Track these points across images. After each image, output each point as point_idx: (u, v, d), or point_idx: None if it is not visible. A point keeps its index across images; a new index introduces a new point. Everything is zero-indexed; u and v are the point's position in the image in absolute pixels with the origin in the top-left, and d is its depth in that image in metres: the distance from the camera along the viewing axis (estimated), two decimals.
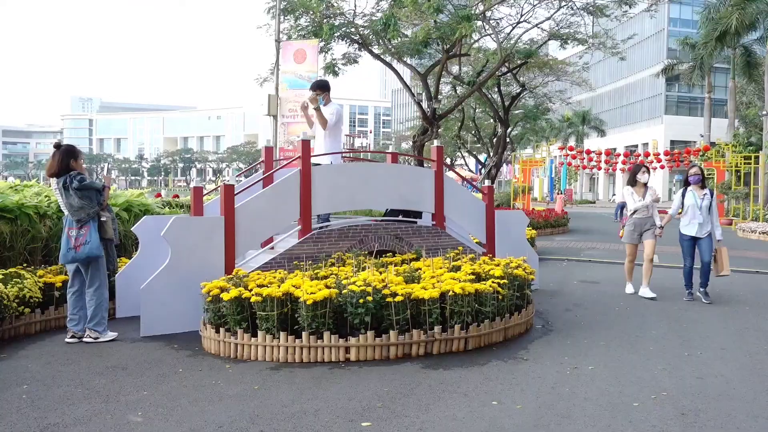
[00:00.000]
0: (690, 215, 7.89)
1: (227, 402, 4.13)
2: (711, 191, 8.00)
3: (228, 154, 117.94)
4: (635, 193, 8.21)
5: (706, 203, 7.80)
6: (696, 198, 7.86)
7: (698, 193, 7.91)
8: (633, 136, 63.88)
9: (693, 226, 7.84)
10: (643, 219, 8.15)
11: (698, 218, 7.77)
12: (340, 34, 17.01)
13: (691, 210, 7.87)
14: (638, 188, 8.23)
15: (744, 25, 30.07)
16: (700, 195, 7.88)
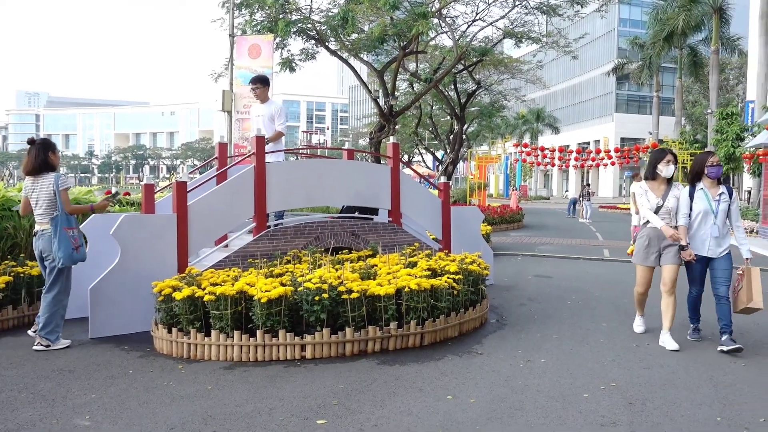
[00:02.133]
0: (701, 226, 5.43)
1: (179, 403, 4.05)
2: (729, 188, 5.55)
3: (182, 151, 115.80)
4: (651, 191, 5.63)
5: (723, 206, 5.40)
6: (710, 200, 5.39)
7: (712, 192, 5.44)
8: (585, 134, 65.37)
9: (705, 242, 5.40)
10: (659, 231, 5.52)
11: (713, 230, 5.37)
12: (297, 29, 16.86)
13: (704, 219, 5.41)
14: (657, 184, 5.63)
15: (690, 26, 31.15)
16: (714, 195, 5.42)
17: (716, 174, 5.47)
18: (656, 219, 5.51)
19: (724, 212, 5.40)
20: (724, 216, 5.41)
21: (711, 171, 5.46)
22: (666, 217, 5.51)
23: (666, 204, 5.51)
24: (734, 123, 25.16)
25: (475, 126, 35.42)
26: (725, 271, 5.37)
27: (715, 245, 5.38)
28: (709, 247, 5.38)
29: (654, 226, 5.54)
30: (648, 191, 5.64)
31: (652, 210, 5.55)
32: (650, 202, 5.58)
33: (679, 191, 5.53)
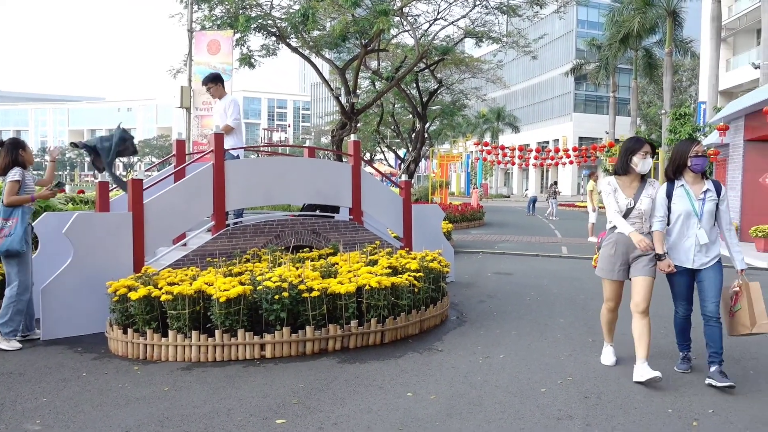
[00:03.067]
0: (683, 232, 4.48)
1: (134, 405, 3.96)
2: (717, 184, 4.54)
3: (140, 148, 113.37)
4: (621, 190, 4.63)
5: (710, 207, 4.42)
6: (692, 200, 4.43)
7: (695, 190, 4.47)
8: (545, 133, 66.45)
9: (689, 249, 4.45)
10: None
11: (698, 235, 4.40)
12: (257, 25, 16.69)
13: (685, 222, 4.45)
14: (629, 181, 4.63)
15: (645, 28, 31.94)
16: (698, 193, 4.45)
17: (701, 166, 4.43)
18: (623, 223, 4.50)
19: (711, 213, 4.40)
20: (711, 218, 4.42)
21: (695, 163, 4.39)
22: (638, 221, 4.50)
23: (638, 206, 4.48)
24: (687, 123, 25.91)
25: (436, 124, 35.64)
26: (714, 285, 4.37)
27: (700, 254, 4.40)
28: (694, 257, 4.41)
29: (621, 232, 4.53)
30: (617, 189, 4.59)
31: (621, 212, 4.53)
32: (619, 203, 4.56)
33: (654, 190, 4.52)
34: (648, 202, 4.51)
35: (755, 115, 13.85)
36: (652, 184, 4.61)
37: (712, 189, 4.46)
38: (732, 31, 33.20)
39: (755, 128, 14.08)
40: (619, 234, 4.57)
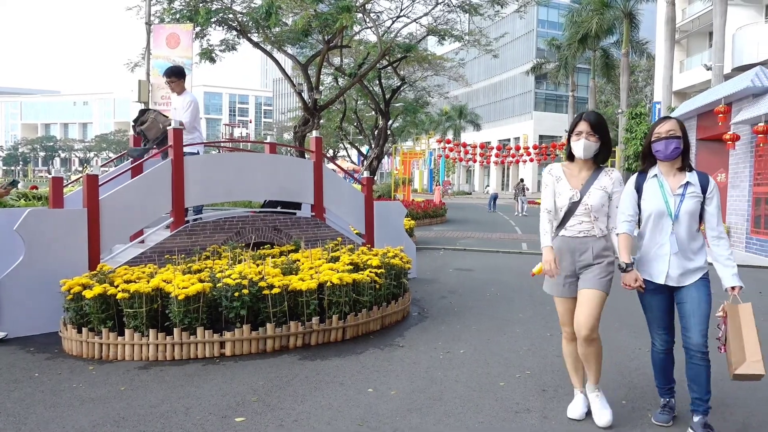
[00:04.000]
0: (654, 236, 3.51)
1: (89, 406, 3.87)
2: (703, 177, 3.50)
3: (96, 143, 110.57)
4: (566, 178, 3.68)
5: (690, 205, 3.42)
6: (666, 195, 3.45)
7: (672, 182, 3.48)
8: (506, 131, 67.28)
9: (662, 260, 3.47)
10: (580, 241, 3.60)
11: (673, 243, 3.42)
12: (217, 19, 16.46)
13: (657, 225, 3.48)
14: (577, 169, 3.68)
15: (603, 29, 32.60)
16: (675, 187, 3.46)
17: (667, 152, 3.39)
18: (543, 232, 3.60)
19: (692, 214, 3.38)
20: (693, 220, 3.40)
21: (658, 148, 3.42)
22: (585, 220, 3.54)
23: (585, 200, 3.52)
24: (643, 123, 26.56)
25: (399, 122, 35.77)
26: (698, 309, 3.35)
27: (677, 267, 3.39)
28: (669, 271, 3.39)
29: (570, 232, 3.58)
30: (561, 178, 3.64)
31: (563, 208, 3.58)
32: (561, 196, 3.60)
33: (610, 180, 3.57)
34: (599, 196, 3.52)
35: (707, 115, 14.29)
36: (609, 174, 3.60)
37: (695, 183, 3.40)
38: (685, 33, 34.16)
39: (707, 128, 14.53)
40: (562, 238, 3.60)
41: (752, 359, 3.11)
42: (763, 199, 11.91)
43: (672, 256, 3.42)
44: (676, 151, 3.42)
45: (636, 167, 27.18)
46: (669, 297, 3.52)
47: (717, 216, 3.45)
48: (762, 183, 12.04)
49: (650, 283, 3.49)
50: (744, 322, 3.23)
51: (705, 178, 3.47)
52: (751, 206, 12.40)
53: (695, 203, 3.41)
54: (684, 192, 3.43)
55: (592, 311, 3.49)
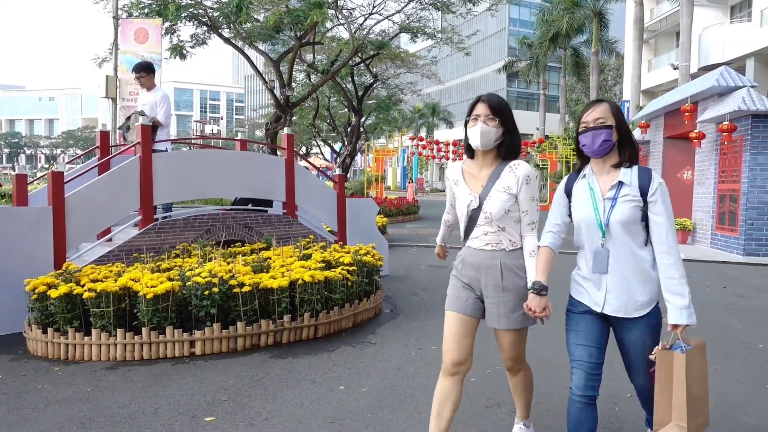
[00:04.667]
0: (586, 252, 2.76)
1: (54, 407, 3.80)
2: (645, 174, 2.64)
3: (63, 139, 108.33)
4: (464, 180, 2.95)
5: (624, 213, 2.61)
6: (596, 198, 2.70)
7: (603, 183, 2.71)
8: None
9: (594, 283, 2.72)
10: (486, 255, 2.88)
11: (600, 260, 2.67)
12: (187, 14, 16.23)
13: (588, 236, 2.73)
14: (478, 166, 2.92)
15: (573, 28, 33.01)
16: (605, 190, 2.69)
17: (594, 146, 2.65)
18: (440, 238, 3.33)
19: (628, 224, 2.59)
20: (631, 231, 2.61)
21: (584, 141, 2.69)
22: (491, 230, 2.82)
23: (486, 206, 2.80)
24: None
25: (372, 119, 35.72)
26: (637, 349, 2.67)
27: (615, 294, 2.64)
28: (607, 297, 2.65)
29: (476, 244, 2.89)
30: (459, 181, 2.95)
31: (463, 217, 2.91)
32: (459, 202, 2.93)
33: (514, 177, 2.78)
34: (502, 200, 2.76)
35: (674, 113, 14.57)
36: (513, 170, 2.79)
37: (631, 183, 2.60)
38: (653, 33, 34.79)
39: (674, 126, 14.82)
40: (468, 249, 2.93)
41: (678, 422, 2.50)
42: (728, 196, 12.20)
43: (608, 278, 2.63)
44: (606, 145, 2.63)
45: None
46: (604, 326, 2.71)
47: (666, 225, 2.55)
48: (726, 180, 12.33)
49: (580, 305, 2.76)
50: (677, 378, 2.47)
51: (646, 176, 2.61)
52: (716, 203, 12.68)
53: (631, 209, 2.57)
54: (615, 195, 2.62)
55: (515, 348, 2.99)
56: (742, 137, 11.72)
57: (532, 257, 2.79)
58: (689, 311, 2.53)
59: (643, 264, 2.62)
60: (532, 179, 2.81)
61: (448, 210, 3.28)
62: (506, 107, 2.86)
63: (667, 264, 2.56)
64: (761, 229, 11.46)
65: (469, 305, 2.91)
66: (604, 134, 2.63)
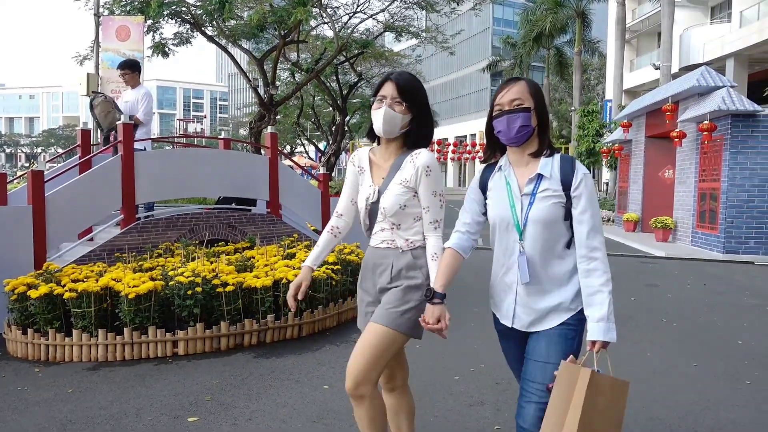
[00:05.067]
0: (501, 255, 2.31)
1: (34, 409, 3.75)
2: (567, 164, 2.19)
3: (44, 138, 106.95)
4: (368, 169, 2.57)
5: (543, 211, 2.16)
6: (512, 194, 2.23)
7: (521, 176, 2.25)
8: (463, 127, 67.91)
9: (508, 293, 2.29)
10: (381, 254, 2.51)
11: (520, 266, 2.20)
12: (170, 12, 16.10)
13: (502, 238, 2.29)
14: (385, 154, 2.54)
15: (556, 28, 33.18)
16: (523, 184, 2.22)
17: (510, 133, 2.22)
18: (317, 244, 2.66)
19: (548, 223, 2.17)
20: (552, 232, 2.18)
21: (499, 127, 2.26)
22: (386, 227, 2.49)
23: (382, 201, 2.46)
24: (594, 120, 27.19)
25: (357, 117, 35.71)
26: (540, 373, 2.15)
27: (527, 305, 2.23)
28: (517, 310, 2.26)
29: (370, 245, 2.59)
30: (365, 170, 2.58)
31: (363, 210, 2.54)
32: (360, 194, 2.57)
33: (413, 168, 2.42)
34: (398, 194, 2.42)
35: (655, 113, 14.73)
36: (414, 160, 2.42)
37: (552, 176, 2.18)
38: (635, 33, 35.10)
39: (655, 125, 14.98)
40: (369, 249, 2.59)
41: None
42: (708, 195, 12.35)
43: (519, 287, 2.22)
44: (525, 131, 2.20)
45: (588, 164, 27.89)
46: (520, 347, 2.29)
47: (588, 224, 2.13)
48: (707, 179, 12.49)
49: (498, 325, 2.38)
50: (575, 400, 1.98)
51: (569, 167, 2.19)
52: (697, 201, 12.84)
53: (552, 206, 2.15)
54: (534, 190, 2.19)
55: (364, 356, 2.35)
56: (722, 136, 11.88)
57: (435, 261, 2.43)
58: (607, 325, 2.08)
59: (564, 270, 2.19)
60: (434, 170, 2.44)
61: (340, 209, 2.65)
62: (418, 90, 2.49)
63: (588, 269, 2.13)
64: (741, 227, 11.62)
65: (366, 315, 2.57)
66: (521, 118, 2.19)
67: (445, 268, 2.31)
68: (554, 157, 2.23)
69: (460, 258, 2.36)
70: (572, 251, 2.19)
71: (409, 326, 2.42)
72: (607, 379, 2.04)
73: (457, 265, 2.34)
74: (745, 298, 7.63)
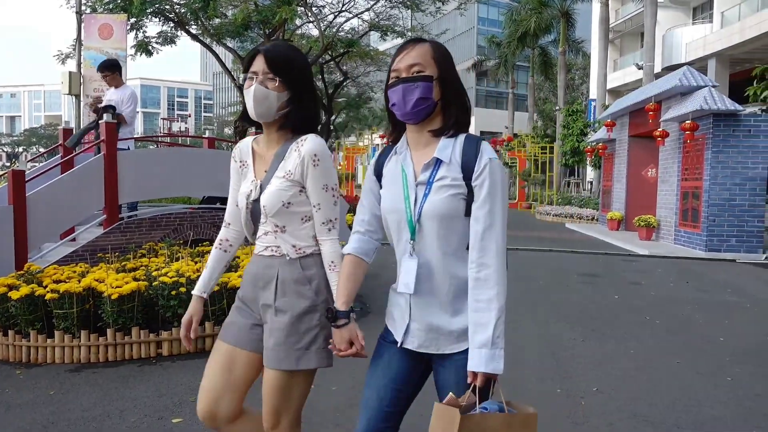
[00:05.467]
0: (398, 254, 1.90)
1: (16, 411, 3.71)
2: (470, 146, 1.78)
3: (26, 137, 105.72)
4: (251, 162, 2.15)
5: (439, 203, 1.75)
6: (407, 183, 1.82)
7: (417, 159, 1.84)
8: None
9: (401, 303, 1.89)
10: (265, 263, 2.08)
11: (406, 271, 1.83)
12: (153, 10, 15.99)
13: (397, 237, 1.88)
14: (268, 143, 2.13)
15: (541, 28, 33.38)
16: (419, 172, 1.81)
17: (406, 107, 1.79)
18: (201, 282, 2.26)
19: (444, 222, 1.76)
20: (452, 230, 1.78)
21: (393, 99, 1.83)
22: (270, 230, 2.08)
23: (263, 199, 2.05)
24: (579, 119, 27.39)
25: (342, 117, 35.71)
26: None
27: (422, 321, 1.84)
28: (410, 326, 1.87)
29: (254, 252, 2.17)
30: (247, 164, 2.18)
31: (243, 210, 2.11)
32: (241, 191, 2.14)
33: (299, 158, 2.01)
34: (279, 191, 2.01)
35: (638, 112, 14.85)
36: (299, 147, 2.02)
37: (451, 161, 1.78)
38: (619, 33, 35.43)
39: (638, 125, 15.11)
40: (253, 256, 2.17)
41: None
42: (690, 193, 12.49)
43: (412, 299, 1.82)
44: (424, 105, 1.78)
45: (572, 163, 28.09)
46: (417, 363, 1.91)
47: (486, 222, 1.71)
48: (689, 178, 12.62)
49: (386, 340, 1.98)
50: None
51: (472, 150, 1.77)
52: (679, 200, 12.98)
53: (450, 198, 1.74)
54: (431, 178, 1.78)
55: (277, 398, 2.07)
56: (704, 136, 12.01)
57: (333, 271, 2.02)
58: (491, 352, 1.66)
59: (464, 279, 1.77)
60: (323, 159, 2.00)
61: (228, 217, 2.24)
62: (295, 62, 2.04)
63: (476, 278, 1.71)
64: (722, 225, 11.76)
65: (244, 334, 2.11)
66: (420, 89, 1.76)
67: (345, 280, 1.91)
68: (457, 138, 1.82)
69: (364, 264, 1.94)
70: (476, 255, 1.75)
71: (316, 360, 2.06)
72: (496, 420, 1.65)
73: (360, 274, 1.93)
74: (726, 296, 7.73)
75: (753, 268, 10.44)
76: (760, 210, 11.77)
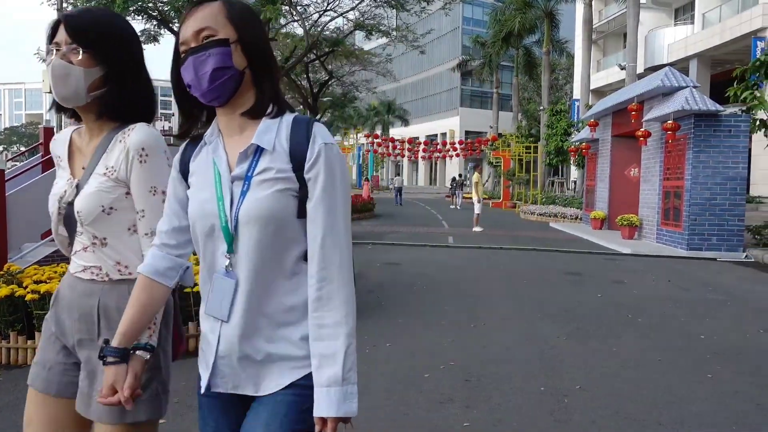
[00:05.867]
0: (204, 270, 1.42)
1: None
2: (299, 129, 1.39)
3: (6, 136, 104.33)
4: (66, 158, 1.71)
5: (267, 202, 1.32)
6: (221, 178, 1.38)
7: (232, 148, 1.40)
8: (433, 126, 68.25)
9: (210, 334, 1.43)
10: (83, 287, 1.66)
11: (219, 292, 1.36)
12: (136, 8, 15.86)
13: (205, 245, 1.40)
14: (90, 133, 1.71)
15: (525, 28, 33.58)
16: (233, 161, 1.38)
17: (202, 85, 1.35)
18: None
19: (269, 226, 1.33)
20: (275, 241, 1.34)
21: (187, 77, 1.37)
22: (88, 243, 1.65)
23: (77, 202, 1.62)
24: (562, 119, 27.58)
25: (327, 116, 35.63)
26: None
27: (230, 353, 1.40)
28: (217, 362, 1.43)
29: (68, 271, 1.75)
30: (62, 160, 1.73)
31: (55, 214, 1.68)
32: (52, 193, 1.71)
33: (125, 152, 1.61)
34: (99, 192, 1.62)
35: (621, 112, 14.99)
36: (125, 138, 1.63)
37: (277, 148, 1.37)
38: (602, 33, 35.72)
39: (621, 125, 15.25)
40: (68, 276, 1.75)
41: None
42: (672, 193, 12.62)
43: (223, 328, 1.40)
44: (224, 77, 1.37)
45: (556, 162, 28.24)
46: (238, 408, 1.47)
47: (326, 224, 1.36)
48: (671, 177, 12.76)
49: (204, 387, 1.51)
50: None
51: (302, 133, 1.40)
52: (661, 199, 13.11)
53: (276, 196, 1.35)
54: (250, 170, 1.38)
55: None
56: (685, 135, 12.15)
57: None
58: (344, 390, 1.32)
59: (298, 301, 1.38)
60: (153, 154, 1.63)
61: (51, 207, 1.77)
62: (110, 30, 1.65)
63: (318, 297, 1.35)
64: (703, 224, 11.91)
65: (56, 376, 1.72)
66: (213, 58, 1.35)
67: (130, 307, 1.49)
68: (283, 119, 1.43)
69: (160, 289, 1.51)
70: (303, 266, 1.40)
71: (147, 410, 1.65)
72: None
73: (152, 301, 1.50)
74: (707, 294, 7.83)
75: (733, 266, 10.59)
76: (741, 209, 11.94)
